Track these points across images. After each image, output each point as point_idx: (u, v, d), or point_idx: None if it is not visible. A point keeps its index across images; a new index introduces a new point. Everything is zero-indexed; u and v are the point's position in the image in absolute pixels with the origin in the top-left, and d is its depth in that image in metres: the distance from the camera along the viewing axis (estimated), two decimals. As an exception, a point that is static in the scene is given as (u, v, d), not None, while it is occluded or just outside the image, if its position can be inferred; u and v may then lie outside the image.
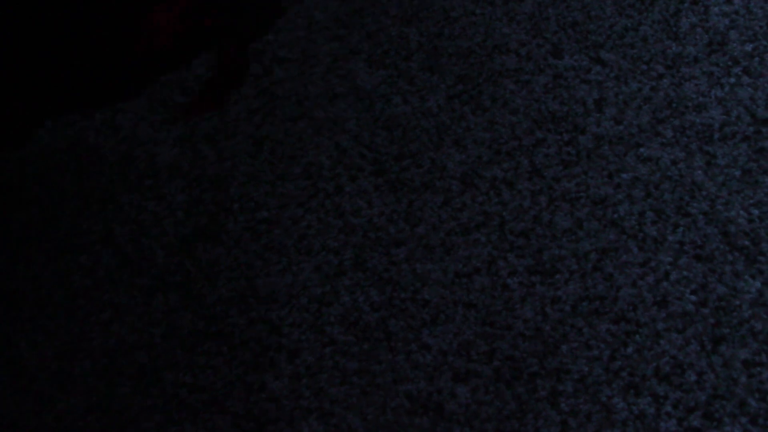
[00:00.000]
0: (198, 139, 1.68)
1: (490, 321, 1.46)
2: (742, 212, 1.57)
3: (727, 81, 1.72)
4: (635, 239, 1.54)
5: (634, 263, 1.52)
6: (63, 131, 1.68)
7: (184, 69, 1.43)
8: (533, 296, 1.49)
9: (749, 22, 1.80)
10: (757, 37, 1.78)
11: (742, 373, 1.41)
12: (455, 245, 1.54)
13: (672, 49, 1.77)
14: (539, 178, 1.61)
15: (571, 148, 1.65)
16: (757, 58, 1.75)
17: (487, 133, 1.67)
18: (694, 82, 1.72)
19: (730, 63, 1.74)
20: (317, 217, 1.58)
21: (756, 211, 1.57)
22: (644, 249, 1.53)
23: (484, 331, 1.46)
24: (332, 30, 1.81)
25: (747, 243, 1.54)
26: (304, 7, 1.83)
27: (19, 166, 1.64)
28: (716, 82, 1.72)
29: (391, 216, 1.58)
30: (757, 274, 1.50)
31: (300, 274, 1.52)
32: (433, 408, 1.39)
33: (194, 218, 1.59)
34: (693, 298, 1.48)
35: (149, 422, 1.37)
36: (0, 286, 1.51)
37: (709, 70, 1.73)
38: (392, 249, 1.54)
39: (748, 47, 1.76)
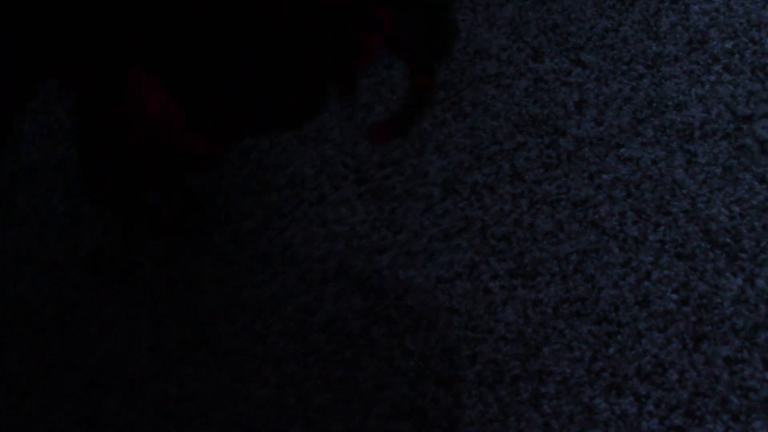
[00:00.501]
0: (184, 153, 1.71)
1: (472, 325, 1.48)
2: (723, 210, 1.57)
3: (708, 79, 1.73)
4: (616, 240, 1.55)
5: (615, 264, 1.53)
6: (52, 150, 1.71)
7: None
8: (515, 299, 1.50)
9: (729, 19, 1.80)
10: (738, 34, 1.78)
11: (723, 370, 1.42)
12: (437, 251, 1.55)
13: (652, 48, 1.77)
14: (520, 181, 1.62)
15: (551, 150, 1.66)
16: (737, 55, 1.75)
17: (468, 139, 1.68)
18: (674, 81, 1.73)
19: (710, 61, 1.75)
20: (301, 227, 1.60)
21: (737, 208, 1.57)
22: (625, 249, 1.54)
23: (467, 335, 1.47)
24: (315, 41, 1.84)
25: (728, 240, 1.54)
26: (288, 19, 1.85)
27: (9, 184, 1.67)
28: (696, 81, 1.72)
29: (374, 223, 1.60)
30: (738, 271, 1.51)
31: (285, 284, 1.54)
32: (416, 413, 1.40)
33: (181, 230, 1.62)
34: (674, 296, 1.49)
35: (137, 433, 1.40)
36: (-9, 303, 1.54)
37: (690, 69, 1.74)
38: (375, 256, 1.56)
39: (729, 44, 1.77)
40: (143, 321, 1.51)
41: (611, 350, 1.44)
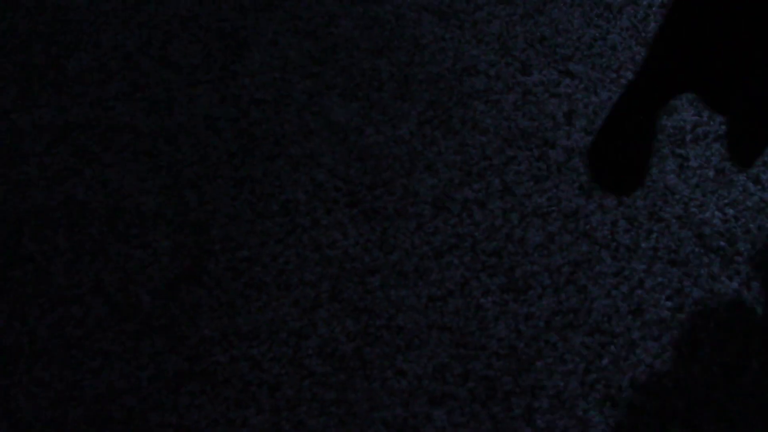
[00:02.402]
0: (182, 186, 1.74)
1: (465, 342, 1.47)
2: (717, 213, 1.55)
3: (698, 81, 1.70)
4: (608, 249, 1.53)
5: (608, 273, 1.51)
6: (55, 189, 1.76)
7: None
8: (507, 314, 1.49)
9: (719, 20, 1.78)
10: (728, 35, 1.75)
11: (720, 377, 1.39)
12: (428, 269, 1.56)
13: (641, 54, 1.76)
14: (510, 195, 1.62)
15: (541, 163, 1.65)
16: (728, 56, 1.73)
17: (457, 156, 1.68)
18: (664, 86, 1.71)
19: (700, 63, 1.73)
20: (295, 252, 1.62)
21: (731, 211, 1.54)
22: (617, 258, 1.52)
23: (459, 353, 1.47)
24: (307, 68, 1.86)
25: (723, 244, 1.51)
26: (279, 48, 1.88)
27: (15, 224, 1.72)
28: (687, 84, 1.70)
29: (366, 245, 1.61)
30: (734, 274, 1.48)
31: (279, 310, 1.56)
32: (409, 433, 1.40)
33: (178, 262, 1.65)
34: (668, 304, 1.47)
35: (137, 464, 1.42)
36: (-3, 342, 1.59)
37: (680, 73, 1.72)
38: (367, 277, 1.57)
39: (719, 45, 1.74)
40: (142, 353, 1.54)
41: (605, 361, 1.43)
